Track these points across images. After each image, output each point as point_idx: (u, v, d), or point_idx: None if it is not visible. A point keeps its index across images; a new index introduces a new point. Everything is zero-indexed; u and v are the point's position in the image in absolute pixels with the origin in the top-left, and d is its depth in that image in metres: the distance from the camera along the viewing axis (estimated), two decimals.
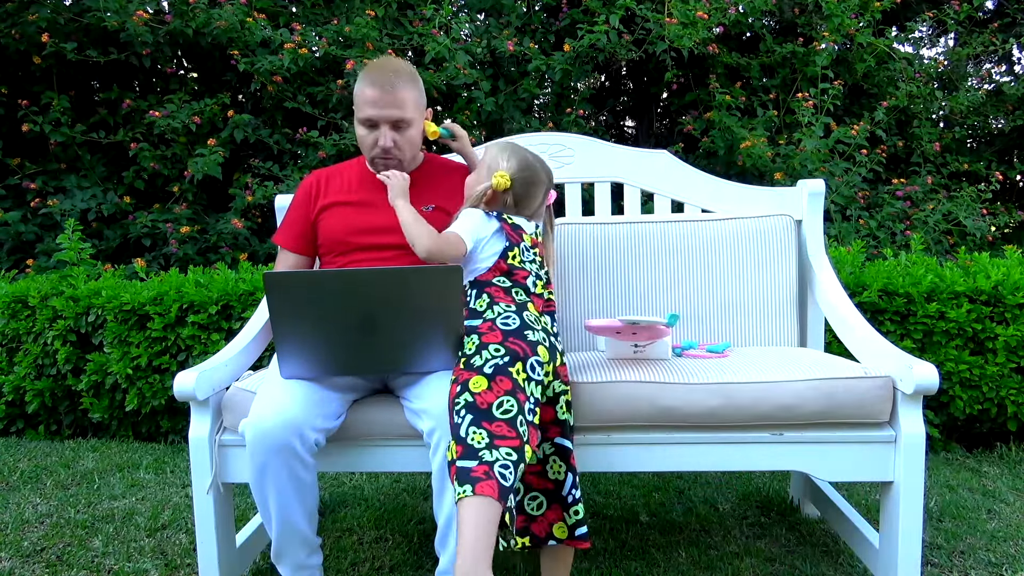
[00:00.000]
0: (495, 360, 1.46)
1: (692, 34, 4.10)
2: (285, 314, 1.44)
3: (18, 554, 1.95)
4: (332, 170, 1.93)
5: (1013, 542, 1.94)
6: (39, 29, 4.05)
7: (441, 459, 1.46)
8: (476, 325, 1.56)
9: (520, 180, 1.69)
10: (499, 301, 1.59)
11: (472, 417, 1.39)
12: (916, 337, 2.55)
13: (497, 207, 1.70)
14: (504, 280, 1.64)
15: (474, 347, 1.50)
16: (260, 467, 1.47)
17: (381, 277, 1.42)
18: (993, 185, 4.40)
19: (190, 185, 4.16)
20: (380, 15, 4.34)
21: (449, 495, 1.47)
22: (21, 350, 3.02)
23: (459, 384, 1.45)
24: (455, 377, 1.48)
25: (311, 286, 1.42)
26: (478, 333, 1.53)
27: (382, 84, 1.73)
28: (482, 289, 1.62)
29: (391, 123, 1.76)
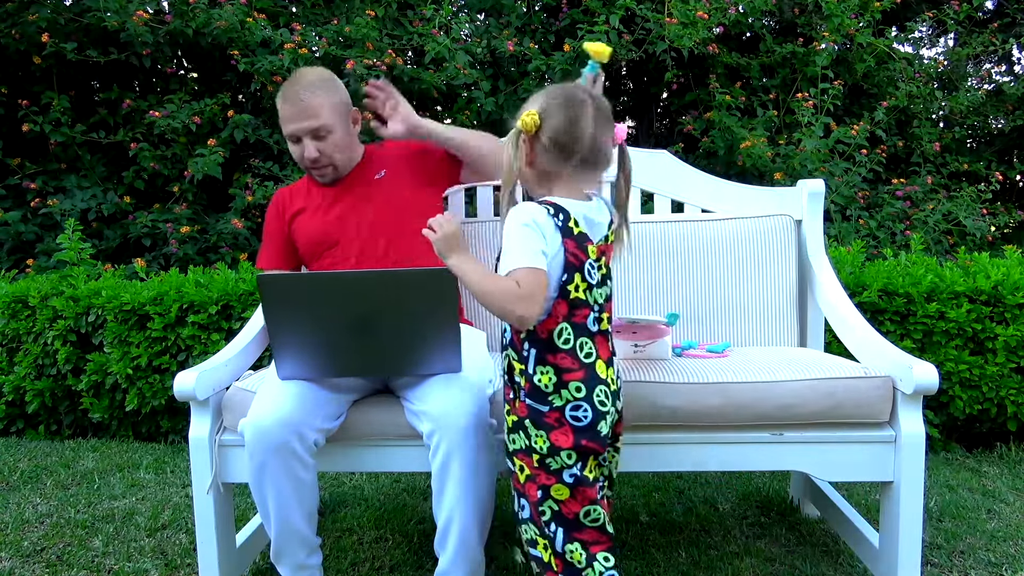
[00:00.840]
0: (572, 470, 1.29)
1: (692, 34, 4.10)
2: (280, 316, 1.44)
3: (18, 554, 1.95)
4: (293, 186, 1.99)
5: (1013, 542, 1.94)
6: (39, 29, 4.05)
7: (441, 460, 1.46)
8: (543, 412, 1.29)
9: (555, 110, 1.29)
10: (568, 379, 1.28)
11: (563, 530, 1.31)
12: (916, 337, 2.55)
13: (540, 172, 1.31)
14: (566, 329, 1.29)
15: (545, 446, 1.29)
16: (259, 467, 1.47)
17: (374, 278, 1.42)
18: (993, 185, 4.40)
19: (190, 185, 4.16)
20: (380, 15, 4.34)
21: (449, 495, 1.47)
22: (21, 350, 3.02)
23: (539, 487, 1.30)
24: (531, 474, 1.31)
25: (304, 288, 1.42)
26: (546, 427, 1.29)
27: (291, 98, 1.77)
28: (543, 354, 1.29)
29: (310, 133, 1.79)
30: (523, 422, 1.31)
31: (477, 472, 1.47)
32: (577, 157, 1.30)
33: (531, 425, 1.30)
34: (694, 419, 1.59)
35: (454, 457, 1.46)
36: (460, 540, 1.50)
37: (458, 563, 1.52)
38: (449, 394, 1.49)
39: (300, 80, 1.80)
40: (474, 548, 1.52)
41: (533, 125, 1.29)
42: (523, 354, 1.30)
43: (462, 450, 1.45)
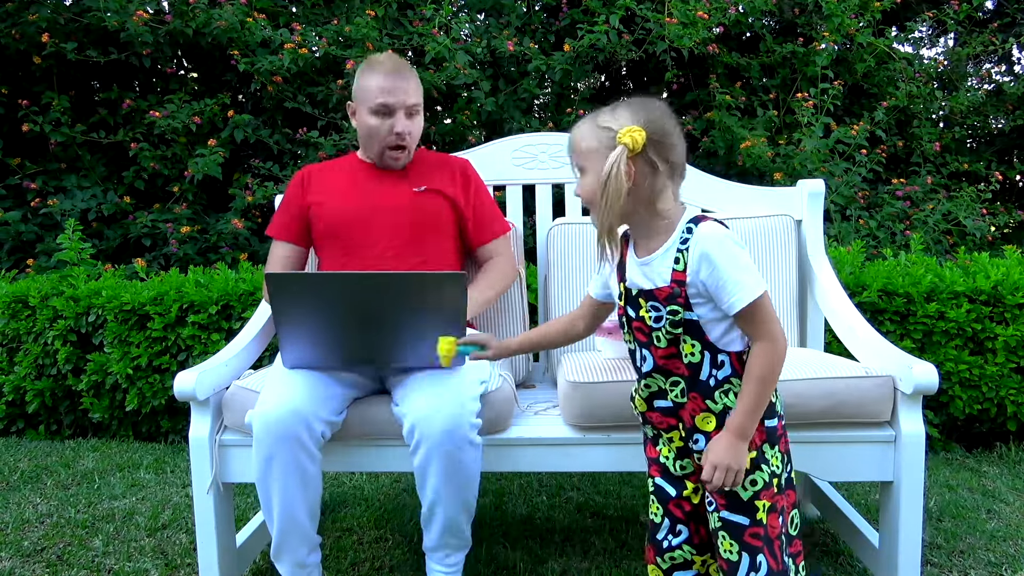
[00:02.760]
0: (787, 473, 1.26)
1: (692, 34, 4.10)
2: (287, 311, 1.46)
3: (18, 554, 1.95)
4: (324, 165, 1.95)
5: (1012, 542, 1.94)
6: (39, 29, 4.05)
7: (421, 459, 1.49)
8: (775, 427, 1.23)
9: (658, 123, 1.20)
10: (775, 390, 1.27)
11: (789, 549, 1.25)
12: (916, 337, 2.55)
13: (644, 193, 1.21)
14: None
15: (778, 461, 1.23)
16: (266, 458, 1.48)
17: (382, 280, 1.43)
18: (993, 185, 4.40)
19: (190, 185, 4.16)
20: (380, 15, 4.34)
21: (431, 484, 1.49)
22: (21, 350, 3.02)
23: (779, 515, 1.23)
24: (772, 504, 1.21)
25: (313, 288, 1.43)
26: (777, 440, 1.23)
27: (394, 71, 1.78)
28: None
29: (406, 108, 1.79)
30: (761, 451, 1.21)
31: (458, 470, 1.49)
32: (680, 168, 1.24)
33: (767, 447, 1.22)
34: None
35: (433, 457, 1.48)
36: (444, 523, 1.54)
37: (444, 541, 1.56)
38: (430, 394, 1.51)
39: (394, 58, 1.82)
40: (460, 529, 1.56)
41: (642, 142, 1.17)
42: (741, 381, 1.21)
43: (441, 449, 1.47)
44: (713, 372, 1.22)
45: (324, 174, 1.92)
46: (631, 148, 1.17)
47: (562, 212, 2.28)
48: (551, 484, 2.43)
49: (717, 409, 1.22)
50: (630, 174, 1.17)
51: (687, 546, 1.31)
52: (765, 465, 1.21)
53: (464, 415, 1.49)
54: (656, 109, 1.22)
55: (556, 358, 2.05)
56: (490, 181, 2.23)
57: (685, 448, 1.29)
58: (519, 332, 2.09)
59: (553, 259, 2.13)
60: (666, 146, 1.20)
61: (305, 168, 1.95)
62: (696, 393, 1.23)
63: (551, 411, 1.78)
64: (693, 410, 1.24)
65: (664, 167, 1.20)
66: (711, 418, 1.22)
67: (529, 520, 2.14)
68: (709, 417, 1.22)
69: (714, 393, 1.21)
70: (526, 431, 1.66)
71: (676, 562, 1.32)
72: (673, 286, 1.21)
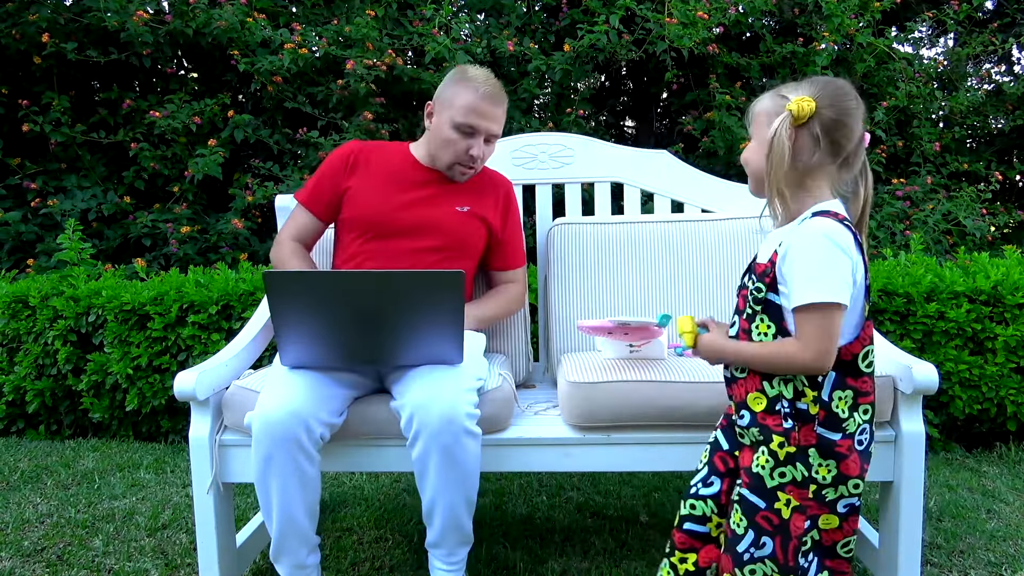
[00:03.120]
0: (851, 500, 1.21)
1: (692, 34, 4.10)
2: (285, 310, 1.46)
3: (18, 554, 1.95)
4: (373, 148, 1.92)
5: (1012, 542, 1.94)
6: (39, 29, 4.05)
7: (421, 449, 1.48)
8: (835, 441, 1.19)
9: (831, 98, 1.18)
10: (861, 403, 1.21)
11: (819, 559, 1.23)
12: (916, 337, 2.55)
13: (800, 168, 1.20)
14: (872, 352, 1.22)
15: (830, 476, 1.19)
16: (265, 459, 1.48)
17: (379, 279, 1.43)
18: (993, 185, 4.40)
19: (190, 185, 4.16)
20: (380, 15, 4.34)
21: (431, 476, 1.49)
22: (21, 350, 3.02)
23: (807, 517, 1.20)
24: (800, 505, 1.19)
25: (311, 286, 1.42)
26: (836, 456, 1.19)
27: (494, 98, 1.78)
28: (844, 378, 1.20)
29: (487, 135, 1.80)
30: (804, 452, 1.19)
31: (458, 460, 1.49)
32: (844, 155, 1.21)
33: (815, 454, 1.19)
34: (694, 419, 1.60)
35: (432, 448, 1.48)
36: (446, 517, 1.54)
37: (446, 536, 1.56)
38: (427, 386, 1.51)
39: (494, 81, 1.80)
40: (461, 522, 1.56)
41: (808, 112, 1.17)
42: (818, 379, 1.19)
43: (439, 439, 1.47)
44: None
45: (372, 160, 1.89)
46: (795, 116, 1.17)
47: (562, 212, 2.28)
48: (551, 484, 2.43)
49: (771, 393, 1.22)
50: (791, 140, 1.17)
51: (711, 502, 1.32)
52: (802, 466, 1.19)
53: (461, 404, 1.49)
54: (838, 86, 1.20)
55: (556, 358, 2.06)
56: None
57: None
58: (519, 332, 2.09)
59: (553, 259, 2.13)
60: (837, 124, 1.18)
61: (353, 144, 1.91)
62: (756, 376, 1.24)
63: (551, 411, 1.78)
64: (748, 388, 1.25)
65: (828, 145, 1.18)
66: (763, 400, 1.23)
67: (529, 520, 2.14)
68: (761, 399, 1.23)
69: (773, 378, 1.22)
70: (526, 431, 1.66)
71: (695, 513, 1.33)
72: (768, 265, 1.22)
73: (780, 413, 1.21)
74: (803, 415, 1.20)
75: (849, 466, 1.20)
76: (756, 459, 1.23)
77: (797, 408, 1.20)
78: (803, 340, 1.16)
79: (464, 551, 1.60)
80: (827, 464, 1.19)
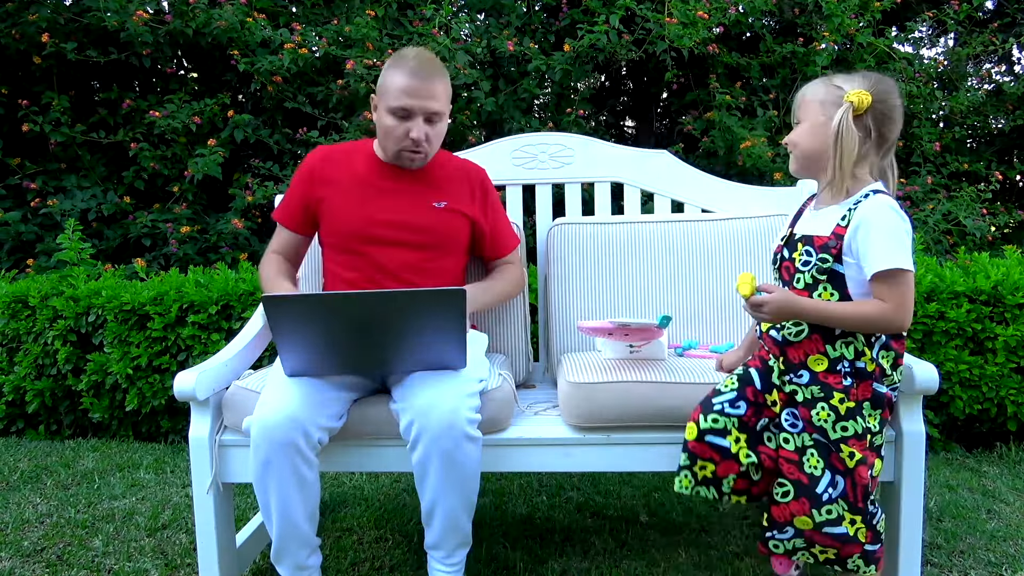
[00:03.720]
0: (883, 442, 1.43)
1: (692, 34, 4.10)
2: (287, 331, 1.45)
3: (18, 554, 1.95)
4: (335, 153, 1.87)
5: (1013, 542, 1.94)
6: (39, 29, 4.05)
7: (422, 453, 1.48)
8: (883, 393, 1.39)
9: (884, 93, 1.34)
10: (899, 363, 1.42)
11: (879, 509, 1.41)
12: (916, 337, 2.55)
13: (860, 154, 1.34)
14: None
15: (877, 424, 1.39)
16: (264, 464, 1.47)
17: (379, 300, 1.41)
18: (993, 185, 4.40)
19: (190, 185, 4.16)
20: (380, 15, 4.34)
21: (431, 480, 1.49)
22: (21, 350, 3.02)
23: (869, 467, 1.38)
24: (863, 457, 1.36)
25: (310, 309, 1.41)
26: (881, 407, 1.39)
27: (421, 74, 1.67)
28: (890, 340, 1.39)
29: (426, 115, 1.71)
30: (861, 405, 1.36)
31: (458, 465, 1.49)
32: (886, 146, 1.36)
33: (869, 406, 1.37)
34: None
35: (432, 452, 1.47)
36: (445, 519, 1.53)
37: (446, 538, 1.56)
38: (428, 390, 1.50)
39: (427, 56, 1.71)
40: (461, 525, 1.55)
41: (867, 105, 1.31)
42: (872, 339, 1.36)
43: (439, 444, 1.47)
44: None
45: (337, 169, 1.84)
46: (856, 107, 1.31)
47: (562, 212, 2.28)
48: (551, 484, 2.43)
49: (833, 355, 1.37)
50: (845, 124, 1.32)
51: (736, 420, 1.44)
52: (861, 419, 1.36)
53: (462, 409, 1.48)
54: (888, 84, 1.35)
55: (556, 358, 2.06)
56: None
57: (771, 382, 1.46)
58: (519, 332, 2.08)
59: (553, 259, 2.13)
60: (886, 118, 1.33)
61: (316, 154, 1.86)
62: (818, 335, 1.38)
63: (551, 411, 1.78)
64: (809, 350, 1.39)
65: (876, 136, 1.34)
66: (824, 361, 1.38)
67: (529, 520, 2.14)
68: (822, 360, 1.38)
69: (836, 341, 1.37)
70: (526, 431, 1.66)
71: (716, 427, 1.45)
72: (831, 237, 1.36)
73: (840, 372, 1.37)
74: (862, 373, 1.36)
75: (887, 412, 1.41)
76: (816, 414, 1.38)
77: (857, 367, 1.36)
78: (893, 301, 1.31)
79: (463, 553, 1.60)
80: (875, 414, 1.38)
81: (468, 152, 2.25)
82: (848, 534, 1.37)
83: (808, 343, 1.39)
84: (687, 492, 1.48)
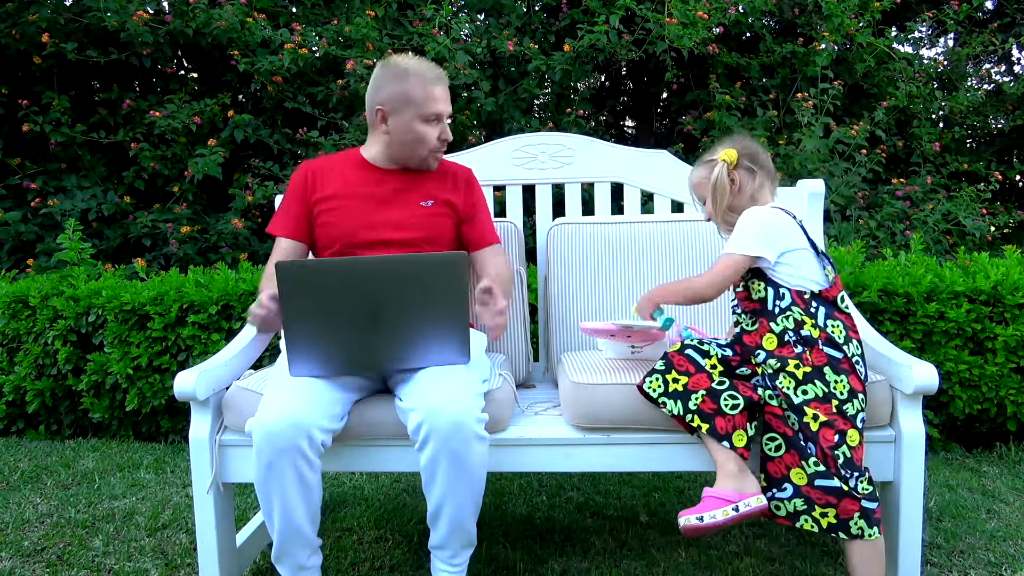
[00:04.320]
0: (862, 414, 1.50)
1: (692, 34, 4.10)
2: (296, 305, 1.45)
3: (18, 554, 1.95)
4: (322, 163, 1.92)
5: (1012, 542, 1.94)
6: (39, 29, 4.05)
7: (430, 454, 1.48)
8: (839, 358, 1.50)
9: (739, 144, 1.64)
10: (852, 336, 1.54)
11: (858, 474, 1.46)
12: (916, 337, 2.55)
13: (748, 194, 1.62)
14: (846, 298, 1.57)
15: (846, 391, 1.48)
16: (266, 466, 1.47)
17: (390, 263, 1.44)
18: (993, 185, 4.40)
19: (190, 185, 4.16)
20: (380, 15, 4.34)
21: (440, 480, 1.49)
22: (21, 350, 3.02)
23: (836, 432, 1.46)
24: (828, 420, 1.46)
25: (322, 275, 1.43)
26: (844, 372, 1.49)
27: (442, 79, 1.82)
28: (832, 312, 1.54)
29: (448, 117, 1.85)
30: (820, 370, 1.49)
31: (467, 466, 1.48)
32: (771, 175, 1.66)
33: (830, 371, 1.49)
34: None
35: (442, 453, 1.47)
36: (452, 519, 1.53)
37: (451, 538, 1.56)
38: (436, 390, 1.50)
39: (433, 66, 1.83)
40: (467, 526, 1.55)
41: (735, 156, 1.61)
42: (811, 310, 1.53)
43: (449, 445, 1.46)
44: (777, 303, 1.55)
45: (330, 173, 1.89)
46: (729, 162, 1.61)
47: (562, 212, 2.28)
48: (551, 484, 2.43)
49: (777, 330, 1.54)
50: (735, 179, 1.62)
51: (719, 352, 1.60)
52: (820, 383, 1.49)
53: (471, 410, 1.48)
54: (742, 136, 1.69)
55: (556, 358, 2.06)
56: (490, 181, 2.23)
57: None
58: (519, 332, 2.09)
59: (553, 259, 2.13)
60: (757, 157, 1.64)
61: (306, 164, 1.92)
62: (764, 319, 1.56)
63: (551, 411, 1.78)
64: (761, 332, 1.56)
65: (760, 171, 1.63)
66: (773, 338, 1.55)
67: (529, 520, 2.14)
68: (772, 338, 1.55)
69: (776, 318, 1.55)
70: (526, 431, 1.66)
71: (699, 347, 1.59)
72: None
73: (789, 343, 1.53)
74: (808, 339, 1.51)
75: (855, 382, 1.49)
76: (780, 383, 1.51)
77: (802, 335, 1.52)
78: (708, 275, 1.59)
79: (468, 553, 1.60)
80: (840, 379, 1.48)
81: (468, 152, 2.25)
82: (842, 488, 1.44)
83: (760, 328, 1.57)
84: (654, 395, 1.56)
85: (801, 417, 1.47)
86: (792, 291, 1.55)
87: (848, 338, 1.52)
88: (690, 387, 1.53)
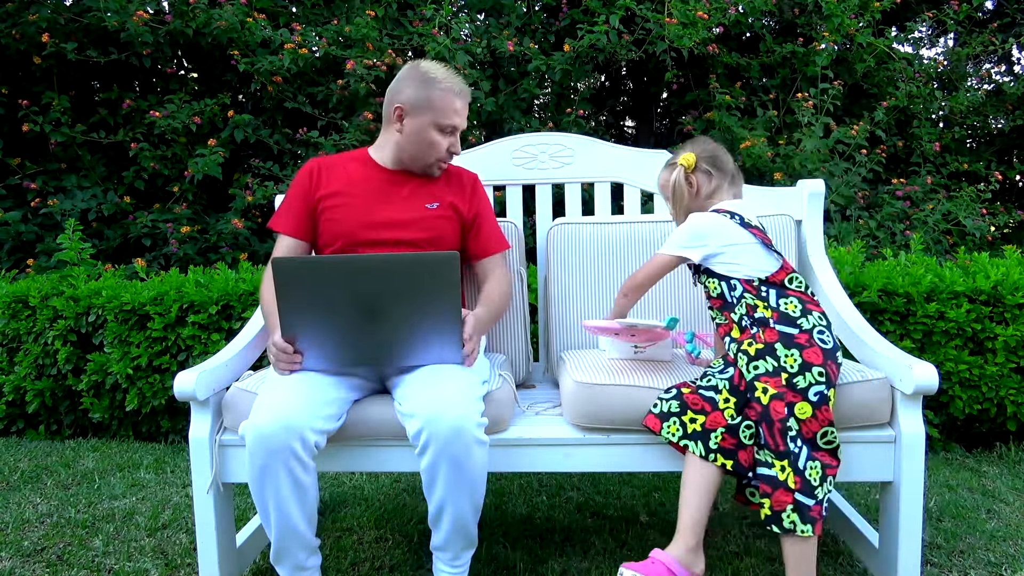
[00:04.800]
0: (819, 387, 1.49)
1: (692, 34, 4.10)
2: (293, 301, 1.46)
3: (18, 554, 1.95)
4: (329, 161, 1.91)
5: (1012, 542, 1.94)
6: (39, 29, 4.05)
7: (431, 459, 1.48)
8: (793, 334, 1.54)
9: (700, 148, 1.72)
10: (811, 308, 1.58)
11: (807, 449, 1.46)
12: (916, 337, 2.55)
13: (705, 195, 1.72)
14: (797, 278, 1.64)
15: (796, 365, 1.50)
16: (260, 469, 1.47)
17: (385, 261, 1.45)
18: (993, 185, 4.40)
19: (190, 185, 4.16)
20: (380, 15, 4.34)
21: (440, 484, 1.49)
22: (21, 350, 3.02)
23: (785, 404, 1.48)
24: (777, 392, 1.49)
25: (318, 271, 1.44)
26: (797, 347, 1.52)
27: (465, 94, 1.83)
28: (783, 291, 1.61)
29: (459, 131, 1.86)
30: (772, 346, 1.53)
31: (467, 469, 1.48)
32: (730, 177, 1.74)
33: (781, 347, 1.53)
34: None
35: (442, 457, 1.47)
36: (453, 522, 1.53)
37: (452, 540, 1.56)
38: (435, 395, 1.50)
39: (461, 80, 1.84)
40: (468, 527, 1.56)
41: (693, 160, 1.70)
42: (762, 294, 1.60)
43: (450, 450, 1.46)
44: (731, 293, 1.63)
45: (335, 171, 1.88)
46: (687, 166, 1.71)
47: (562, 212, 2.28)
48: (551, 484, 2.43)
49: (735, 317, 1.62)
50: (692, 183, 1.72)
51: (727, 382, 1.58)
52: (771, 358, 1.52)
53: (471, 414, 1.48)
54: (704, 139, 1.76)
55: (556, 358, 2.06)
56: (490, 181, 2.23)
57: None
58: (519, 332, 2.09)
59: (553, 259, 2.13)
60: (716, 160, 1.72)
61: (313, 161, 1.91)
62: (727, 312, 1.64)
63: (551, 411, 1.78)
64: (729, 325, 1.64)
65: (717, 174, 1.72)
66: (736, 328, 1.62)
67: (529, 520, 2.14)
68: (735, 328, 1.62)
69: (734, 307, 1.62)
70: (526, 431, 1.66)
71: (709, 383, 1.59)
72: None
73: (746, 327, 1.60)
74: (761, 320, 1.58)
75: (810, 355, 1.51)
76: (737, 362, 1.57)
77: (755, 318, 1.59)
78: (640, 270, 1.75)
79: (469, 554, 1.60)
80: (791, 354, 1.52)
81: (468, 152, 2.25)
82: (777, 478, 1.46)
83: (727, 322, 1.65)
84: (674, 439, 1.55)
85: (753, 394, 1.51)
86: (741, 280, 1.62)
87: (805, 311, 1.56)
88: (708, 426, 1.53)
